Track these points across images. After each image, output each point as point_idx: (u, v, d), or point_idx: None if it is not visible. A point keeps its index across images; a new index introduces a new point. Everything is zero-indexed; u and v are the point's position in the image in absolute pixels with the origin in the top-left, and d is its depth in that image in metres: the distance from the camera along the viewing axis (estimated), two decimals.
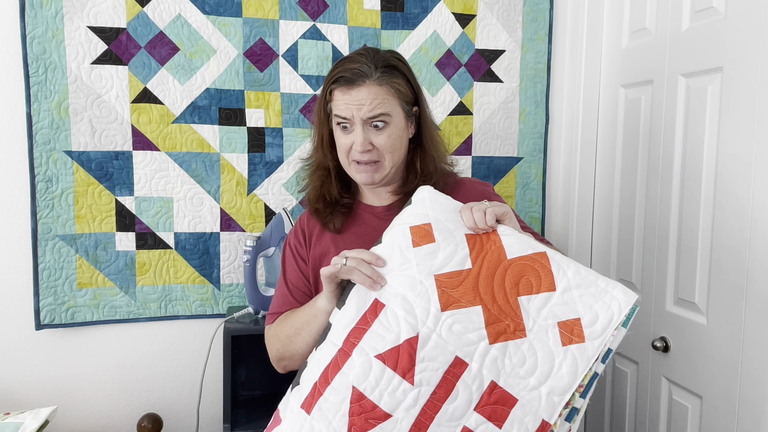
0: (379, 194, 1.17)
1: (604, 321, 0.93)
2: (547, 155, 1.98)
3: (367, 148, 1.06)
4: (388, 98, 1.07)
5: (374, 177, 1.09)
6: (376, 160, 1.08)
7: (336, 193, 1.15)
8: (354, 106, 1.05)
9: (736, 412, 1.33)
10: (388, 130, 1.08)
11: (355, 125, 1.06)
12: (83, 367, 1.72)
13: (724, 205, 1.36)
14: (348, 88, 1.06)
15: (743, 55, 1.31)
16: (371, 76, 1.06)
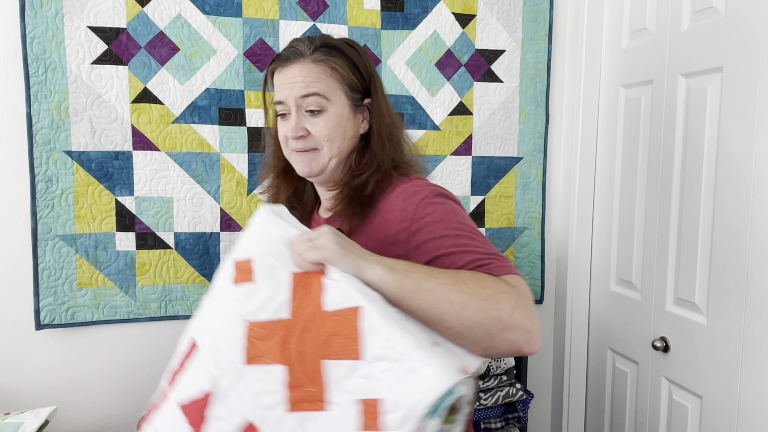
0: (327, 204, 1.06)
1: (405, 408, 0.70)
2: (547, 155, 1.98)
3: (300, 133, 0.96)
4: (324, 78, 0.97)
5: (311, 167, 0.98)
6: (313, 147, 0.98)
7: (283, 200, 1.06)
8: (287, 85, 0.97)
9: (736, 412, 1.33)
10: (325, 116, 0.97)
11: (291, 111, 0.97)
12: (83, 367, 1.72)
13: (724, 205, 1.36)
14: (283, 66, 0.98)
15: (743, 55, 1.31)
16: (306, 54, 0.97)
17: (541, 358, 2.07)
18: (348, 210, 0.97)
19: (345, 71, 0.98)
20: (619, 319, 1.79)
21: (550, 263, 2.04)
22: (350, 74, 0.99)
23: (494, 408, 1.64)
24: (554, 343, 2.07)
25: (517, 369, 1.73)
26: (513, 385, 1.66)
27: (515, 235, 1.98)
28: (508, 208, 1.96)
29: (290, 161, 1.03)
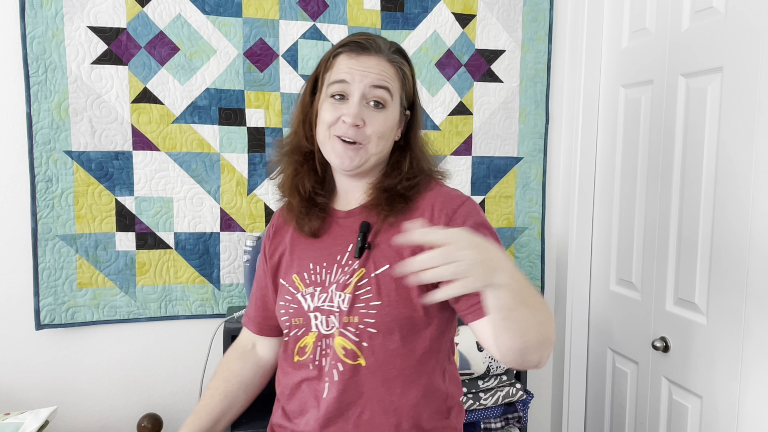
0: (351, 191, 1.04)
1: None
2: (547, 155, 1.98)
3: (358, 122, 0.94)
4: (394, 79, 0.98)
5: (353, 160, 0.95)
6: (360, 141, 0.95)
7: (309, 187, 1.01)
8: (359, 71, 0.94)
9: (736, 412, 1.33)
10: (385, 113, 0.96)
11: (352, 95, 0.94)
12: (83, 367, 1.72)
13: (724, 205, 1.36)
14: (358, 53, 0.96)
15: (743, 55, 1.31)
16: (384, 51, 0.98)
17: None
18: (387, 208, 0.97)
19: (407, 81, 1.01)
20: (619, 319, 1.79)
21: (550, 263, 2.04)
22: (409, 85, 1.02)
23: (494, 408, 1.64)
24: (554, 343, 2.07)
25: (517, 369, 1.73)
26: (513, 385, 1.66)
27: (515, 235, 1.98)
28: (508, 208, 1.96)
29: (324, 146, 0.98)
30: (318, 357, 0.97)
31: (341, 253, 0.98)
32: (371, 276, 0.95)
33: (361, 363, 0.94)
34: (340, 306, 0.95)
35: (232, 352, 1.15)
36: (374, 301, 0.93)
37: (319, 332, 0.97)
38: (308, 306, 0.98)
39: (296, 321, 0.99)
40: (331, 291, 0.97)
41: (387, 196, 0.98)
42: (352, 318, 0.94)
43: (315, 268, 1.00)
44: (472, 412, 1.62)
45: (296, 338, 1.00)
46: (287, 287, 1.02)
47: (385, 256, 0.95)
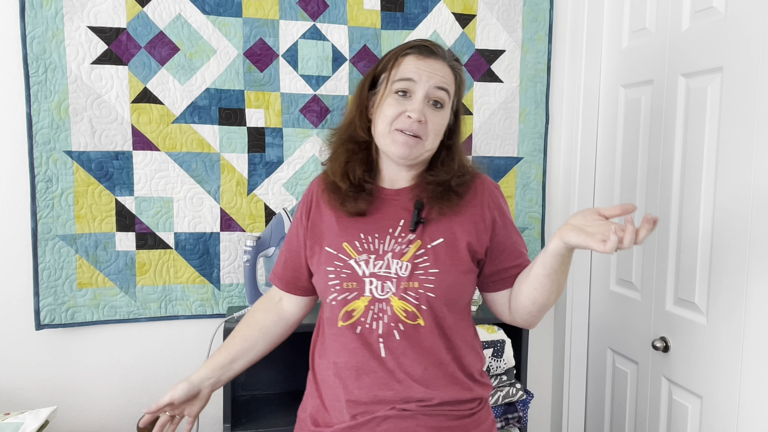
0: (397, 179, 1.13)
1: None
2: (547, 155, 1.98)
3: (421, 118, 1.03)
4: (452, 84, 1.09)
5: (412, 151, 1.05)
6: (420, 136, 1.05)
7: (360, 174, 1.10)
8: (426, 72, 1.05)
9: (736, 412, 1.33)
10: (442, 113, 1.07)
11: (416, 93, 1.04)
12: (83, 367, 1.72)
13: (724, 205, 1.36)
14: (426, 56, 1.06)
15: (743, 55, 1.31)
16: (447, 58, 1.09)
17: (541, 358, 2.07)
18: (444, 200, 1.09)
19: (459, 88, 1.13)
20: (619, 319, 1.79)
21: None
22: (460, 92, 1.13)
23: (494, 408, 1.64)
24: (554, 343, 2.07)
25: (517, 369, 1.73)
26: (513, 385, 1.66)
27: None
28: None
29: (384, 138, 1.07)
30: (370, 320, 1.06)
31: (392, 227, 1.09)
32: (428, 247, 1.07)
33: (420, 323, 1.05)
34: (398, 272, 1.06)
35: (259, 303, 1.25)
36: (433, 269, 1.06)
37: (373, 296, 1.06)
38: (363, 271, 1.06)
39: (348, 285, 1.06)
40: (387, 259, 1.06)
41: (442, 190, 1.09)
42: (412, 283, 1.05)
43: (367, 238, 1.08)
44: None
45: (344, 302, 1.07)
46: (336, 254, 1.08)
47: (438, 230, 1.08)
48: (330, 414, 1.09)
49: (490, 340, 1.63)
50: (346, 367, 1.07)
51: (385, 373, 1.05)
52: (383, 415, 1.05)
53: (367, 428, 1.05)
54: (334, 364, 1.08)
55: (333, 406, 1.09)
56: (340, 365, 1.07)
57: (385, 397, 1.05)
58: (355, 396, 1.06)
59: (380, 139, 1.07)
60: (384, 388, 1.05)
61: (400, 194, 1.12)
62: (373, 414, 1.05)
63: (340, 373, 1.07)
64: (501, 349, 1.64)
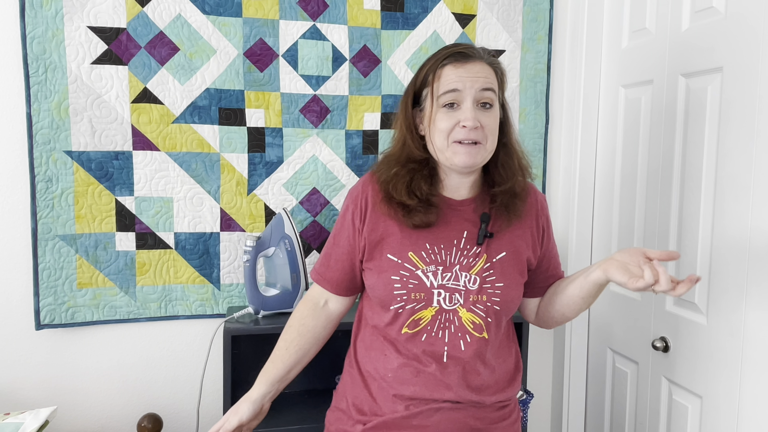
0: (457, 188, 1.14)
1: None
2: (547, 155, 1.98)
3: (476, 124, 1.03)
4: (495, 81, 1.08)
5: (475, 158, 1.05)
6: (479, 141, 1.05)
7: (426, 189, 1.09)
8: (469, 78, 1.04)
9: (736, 412, 1.34)
10: (493, 112, 1.07)
11: (464, 101, 1.04)
12: (83, 367, 1.72)
13: (724, 206, 1.36)
14: (463, 62, 1.05)
15: (743, 55, 1.31)
16: (484, 57, 1.08)
17: (541, 358, 2.07)
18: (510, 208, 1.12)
19: (503, 81, 1.13)
20: (619, 319, 1.79)
21: None
22: (503, 86, 1.13)
23: None
24: (554, 343, 2.07)
25: None
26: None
27: None
28: None
29: (441, 153, 1.07)
30: (436, 329, 1.09)
31: (457, 238, 1.11)
32: (493, 261, 1.11)
33: (485, 336, 1.11)
34: (466, 285, 1.09)
35: (305, 308, 1.23)
36: (498, 282, 1.10)
37: (441, 307, 1.08)
38: (431, 283, 1.08)
39: (416, 296, 1.08)
40: (455, 271, 1.09)
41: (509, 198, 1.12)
42: (480, 296, 1.09)
43: (433, 249, 1.09)
44: None
45: (412, 311, 1.09)
46: (401, 263, 1.09)
47: (501, 244, 1.12)
48: (379, 404, 1.12)
49: None
50: (405, 367, 1.10)
51: (443, 378, 1.09)
52: (437, 407, 1.09)
53: (419, 419, 1.09)
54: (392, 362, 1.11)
55: (384, 397, 1.11)
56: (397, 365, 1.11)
57: (440, 394, 1.09)
58: (411, 392, 1.09)
59: (440, 154, 1.08)
60: (440, 387, 1.09)
61: (463, 205, 1.13)
62: (427, 405, 1.09)
63: (398, 371, 1.11)
64: None
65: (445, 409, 1.09)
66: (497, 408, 1.15)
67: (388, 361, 1.12)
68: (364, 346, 1.18)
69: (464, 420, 1.10)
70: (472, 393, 1.10)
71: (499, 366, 1.15)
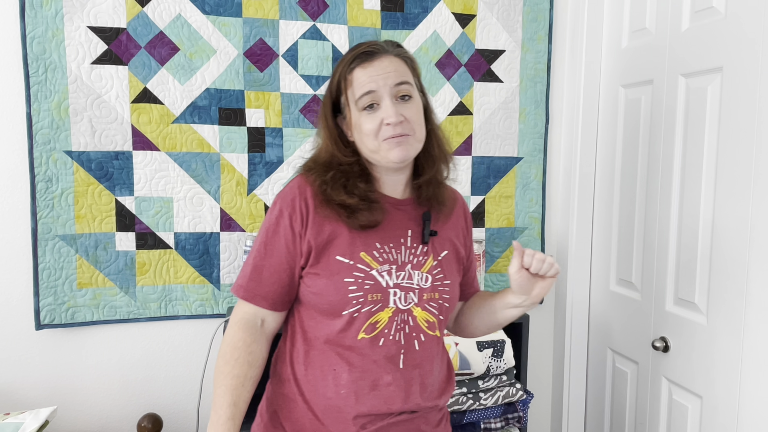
0: (395, 186, 1.12)
1: None
2: (547, 155, 1.98)
3: (400, 119, 1.02)
4: (407, 72, 1.07)
5: (409, 151, 1.04)
6: (407, 133, 1.04)
7: (363, 187, 1.07)
8: (380, 75, 1.03)
9: (736, 412, 1.33)
10: (414, 102, 1.06)
11: (383, 99, 1.03)
12: (83, 367, 1.72)
13: (724, 205, 1.36)
14: (370, 61, 1.04)
15: (743, 55, 1.31)
16: (389, 50, 1.07)
17: (541, 358, 2.07)
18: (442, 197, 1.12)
19: (415, 68, 1.11)
20: (619, 319, 1.79)
21: None
22: (417, 72, 1.12)
23: (494, 408, 1.64)
24: (554, 343, 2.07)
25: (517, 369, 1.73)
26: (513, 385, 1.66)
27: (515, 235, 1.98)
28: (508, 208, 1.96)
29: (375, 154, 1.06)
30: (393, 332, 1.06)
31: (403, 237, 1.10)
32: (439, 259, 1.11)
33: (437, 334, 1.11)
34: (419, 283, 1.08)
35: (245, 334, 1.08)
36: (446, 280, 1.11)
37: (397, 307, 1.06)
38: (386, 282, 1.06)
39: (373, 297, 1.05)
40: (408, 270, 1.08)
41: (433, 189, 1.12)
42: (433, 294, 1.09)
43: (383, 248, 1.07)
44: (472, 412, 1.62)
45: (369, 314, 1.04)
46: (353, 264, 1.05)
47: (442, 242, 1.13)
48: (327, 427, 1.05)
49: (490, 340, 1.63)
50: (360, 380, 1.04)
51: (400, 385, 1.06)
52: (392, 421, 1.06)
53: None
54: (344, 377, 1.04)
55: (332, 417, 1.05)
56: (351, 380, 1.04)
57: (396, 408, 1.06)
58: (367, 408, 1.04)
59: (374, 156, 1.06)
60: (397, 400, 1.05)
61: (404, 204, 1.12)
62: (383, 421, 1.05)
63: (352, 386, 1.04)
64: (501, 349, 1.64)
65: (401, 421, 1.07)
66: (438, 410, 1.16)
67: (339, 376, 1.04)
68: (303, 363, 1.08)
69: (418, 428, 1.10)
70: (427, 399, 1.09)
71: (442, 364, 1.15)
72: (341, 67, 1.06)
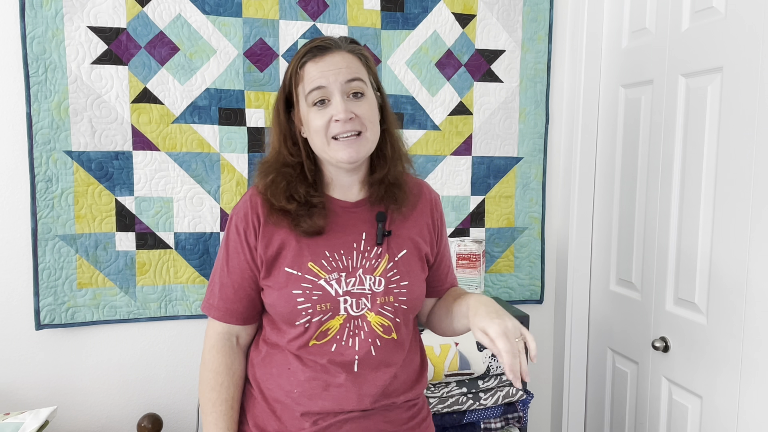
0: (348, 188, 1.10)
1: None
2: (547, 155, 1.98)
3: (350, 116, 1.00)
4: (361, 67, 1.04)
5: (359, 151, 1.01)
6: (358, 130, 1.01)
7: (303, 192, 1.05)
8: (331, 71, 1.00)
9: (736, 412, 1.34)
10: (366, 100, 1.03)
11: (333, 95, 1.00)
12: (83, 367, 1.72)
13: (724, 205, 1.36)
14: (321, 56, 1.02)
15: (743, 55, 1.31)
16: (342, 46, 1.04)
17: (541, 358, 2.07)
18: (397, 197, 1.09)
19: (370, 66, 1.08)
20: (619, 319, 1.79)
21: (550, 263, 2.04)
22: (373, 69, 1.09)
23: (494, 408, 1.64)
24: (554, 343, 2.07)
25: None
26: (513, 385, 1.66)
27: (515, 235, 1.98)
28: (508, 208, 1.96)
29: (324, 152, 1.03)
30: (346, 337, 1.05)
31: (356, 241, 1.07)
32: (395, 260, 1.08)
33: (394, 337, 1.08)
34: (372, 288, 1.05)
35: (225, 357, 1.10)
36: (403, 281, 1.07)
37: (348, 314, 1.05)
38: (335, 291, 1.04)
39: (322, 307, 1.04)
40: (359, 275, 1.05)
41: (386, 188, 1.08)
42: (387, 298, 1.06)
43: (333, 255, 1.05)
44: (472, 412, 1.62)
45: (319, 323, 1.04)
46: (301, 275, 1.03)
47: (400, 241, 1.09)
48: (284, 423, 1.06)
49: None
50: (312, 381, 1.04)
51: (354, 386, 1.04)
52: (345, 417, 1.05)
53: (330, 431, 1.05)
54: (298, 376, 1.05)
55: (289, 416, 1.06)
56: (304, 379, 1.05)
57: (350, 406, 1.05)
58: (319, 407, 1.04)
59: (323, 154, 1.04)
60: (351, 400, 1.04)
61: (357, 206, 1.09)
62: (336, 418, 1.05)
63: (305, 385, 1.05)
64: None
65: (355, 418, 1.06)
66: (407, 408, 1.12)
67: (293, 375, 1.05)
68: (262, 363, 1.10)
69: (375, 426, 1.07)
70: (383, 397, 1.07)
71: (407, 365, 1.11)
72: (294, 61, 1.05)
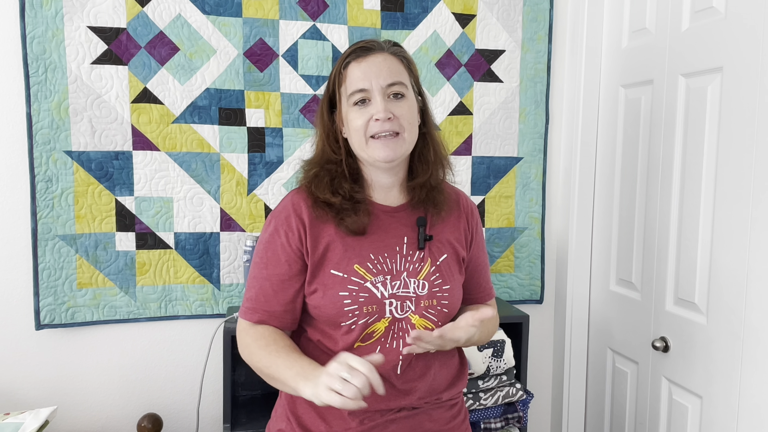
0: (388, 191, 1.12)
1: None
2: (547, 155, 1.98)
3: (389, 116, 1.02)
4: (403, 70, 1.07)
5: (396, 150, 1.03)
6: (396, 131, 1.04)
7: (348, 187, 1.07)
8: (373, 72, 1.04)
9: (736, 412, 1.34)
10: (407, 101, 1.06)
11: (374, 96, 1.03)
12: (83, 367, 1.72)
13: (724, 205, 1.36)
14: (364, 57, 1.05)
15: (743, 55, 1.31)
16: (385, 48, 1.07)
17: (541, 358, 2.07)
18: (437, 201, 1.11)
19: (412, 69, 1.11)
20: (619, 319, 1.79)
21: (550, 263, 2.04)
22: (415, 73, 1.12)
23: (494, 408, 1.64)
24: (554, 343, 2.07)
25: (517, 369, 1.73)
26: (513, 385, 1.66)
27: (515, 235, 1.98)
28: (508, 208, 1.96)
29: (362, 151, 1.06)
30: (390, 340, 1.06)
31: (398, 245, 1.09)
32: (437, 264, 1.10)
33: None
34: (416, 291, 1.07)
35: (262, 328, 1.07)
36: (445, 285, 1.09)
37: (393, 317, 1.06)
38: (381, 293, 1.05)
39: (369, 309, 1.05)
40: (403, 278, 1.07)
41: (427, 192, 1.11)
42: (431, 301, 1.08)
43: (377, 258, 1.07)
44: (472, 412, 1.62)
45: (365, 325, 1.05)
46: (347, 277, 1.05)
47: (440, 246, 1.11)
48: (329, 422, 1.07)
49: (490, 340, 1.63)
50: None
51: (398, 388, 1.06)
52: (392, 417, 1.07)
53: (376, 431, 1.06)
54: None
55: (333, 414, 1.06)
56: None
57: (397, 404, 1.07)
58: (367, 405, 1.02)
59: (361, 153, 1.07)
60: (396, 399, 1.06)
61: (398, 211, 1.11)
62: (383, 417, 1.06)
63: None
64: (501, 349, 1.64)
65: (401, 418, 1.07)
66: (449, 407, 1.14)
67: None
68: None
69: (420, 426, 1.09)
70: (428, 394, 1.09)
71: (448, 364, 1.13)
72: (339, 62, 1.08)
